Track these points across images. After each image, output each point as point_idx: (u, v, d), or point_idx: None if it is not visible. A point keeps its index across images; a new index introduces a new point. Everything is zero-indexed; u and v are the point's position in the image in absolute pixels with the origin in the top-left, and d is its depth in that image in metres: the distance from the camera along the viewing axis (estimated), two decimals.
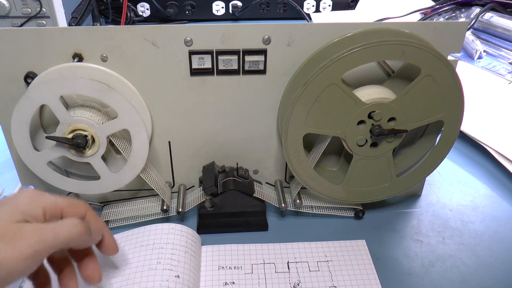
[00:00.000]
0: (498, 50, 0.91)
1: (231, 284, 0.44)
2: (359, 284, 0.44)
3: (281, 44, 0.44)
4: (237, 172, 0.51)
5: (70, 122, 0.42)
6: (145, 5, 1.07)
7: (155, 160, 0.51)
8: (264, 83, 0.47)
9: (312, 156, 0.49)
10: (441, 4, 1.05)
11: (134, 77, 0.45)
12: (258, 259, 0.47)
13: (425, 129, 0.50)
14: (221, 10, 1.09)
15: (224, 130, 0.50)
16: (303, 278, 0.45)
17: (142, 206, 0.52)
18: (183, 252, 0.44)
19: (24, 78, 0.44)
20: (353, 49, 0.41)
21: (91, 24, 0.95)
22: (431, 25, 0.45)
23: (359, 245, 0.49)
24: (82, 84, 0.41)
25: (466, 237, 0.50)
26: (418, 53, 0.42)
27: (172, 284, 0.40)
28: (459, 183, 0.59)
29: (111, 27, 0.42)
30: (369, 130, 0.45)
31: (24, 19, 0.80)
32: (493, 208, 0.55)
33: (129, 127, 0.44)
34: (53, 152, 0.44)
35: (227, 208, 0.49)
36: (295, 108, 0.43)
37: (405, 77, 0.46)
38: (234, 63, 0.45)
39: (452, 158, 0.64)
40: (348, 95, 0.43)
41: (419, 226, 0.52)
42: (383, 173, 0.49)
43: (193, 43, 0.44)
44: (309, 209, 0.52)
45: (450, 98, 0.45)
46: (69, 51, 0.43)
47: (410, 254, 0.48)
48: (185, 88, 0.46)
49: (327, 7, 1.13)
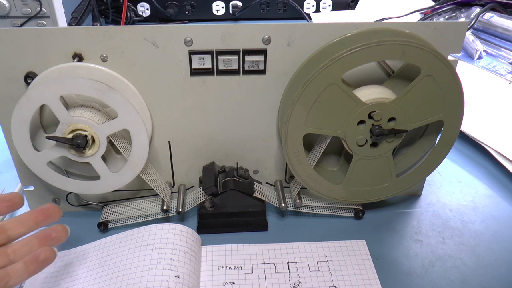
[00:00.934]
0: (498, 50, 0.91)
1: (231, 284, 0.44)
2: (359, 284, 0.44)
3: (281, 44, 0.44)
4: (237, 172, 0.51)
5: (70, 122, 0.42)
6: (145, 5, 1.07)
7: (155, 160, 0.51)
8: (264, 83, 0.47)
9: (312, 156, 0.49)
10: (441, 4, 1.05)
11: (134, 77, 0.45)
12: (258, 259, 0.47)
13: (425, 129, 0.50)
14: (221, 10, 1.09)
15: (224, 130, 0.50)
16: (303, 278, 0.45)
17: (142, 206, 0.52)
18: (183, 252, 0.44)
19: (24, 78, 0.44)
20: (353, 49, 0.41)
21: (91, 24, 0.95)
22: (431, 25, 0.45)
23: (359, 245, 0.49)
24: (82, 84, 0.41)
25: (466, 237, 0.51)
26: (418, 53, 0.42)
27: (172, 284, 0.40)
28: (459, 183, 0.59)
29: (111, 27, 0.42)
30: (369, 130, 0.45)
31: (24, 19, 0.80)
32: (493, 208, 0.55)
33: (129, 127, 0.44)
34: (53, 152, 0.44)
35: (227, 208, 0.49)
36: (295, 108, 0.43)
37: (405, 77, 0.46)
38: (234, 63, 0.45)
39: (452, 158, 0.64)
40: (348, 95, 0.43)
41: (419, 226, 0.52)
42: (383, 173, 0.49)
43: (193, 43, 0.44)
44: (309, 209, 0.52)
45: (450, 98, 0.45)
46: (69, 51, 0.43)
47: (410, 254, 0.48)
48: (185, 88, 0.46)
49: (327, 7, 1.13)
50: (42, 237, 0.39)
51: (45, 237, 0.39)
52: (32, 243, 0.38)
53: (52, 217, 0.40)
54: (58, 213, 0.41)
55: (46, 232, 0.39)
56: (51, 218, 0.40)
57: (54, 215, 0.40)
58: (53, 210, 0.40)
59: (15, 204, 0.39)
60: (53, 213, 0.40)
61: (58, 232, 0.40)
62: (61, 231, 0.40)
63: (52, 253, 0.38)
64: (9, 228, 0.38)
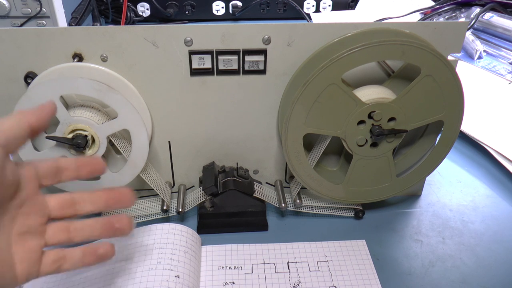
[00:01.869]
0: (498, 50, 0.91)
1: (231, 284, 0.44)
2: (359, 284, 0.44)
3: (281, 44, 0.44)
4: (237, 172, 0.51)
5: (70, 122, 0.42)
6: (145, 5, 1.07)
7: (155, 160, 0.51)
8: (264, 83, 0.47)
9: (312, 156, 0.49)
10: (441, 4, 1.05)
11: (134, 77, 0.45)
12: (258, 259, 0.47)
13: (425, 129, 0.50)
14: (221, 10, 1.09)
15: (224, 130, 0.50)
16: (303, 278, 0.45)
17: (142, 206, 0.52)
18: (183, 252, 0.44)
19: (24, 78, 0.44)
20: (353, 49, 0.41)
21: (91, 24, 0.95)
22: (431, 25, 0.45)
23: (359, 245, 0.49)
24: (82, 84, 0.41)
25: (466, 237, 0.51)
26: (418, 53, 0.42)
27: (172, 284, 0.40)
28: (459, 183, 0.59)
29: (111, 27, 0.42)
30: (369, 130, 0.45)
31: (24, 19, 0.80)
32: (493, 208, 0.55)
33: (129, 127, 0.44)
34: (53, 152, 0.44)
35: (227, 208, 0.49)
36: (295, 108, 0.43)
37: (405, 77, 0.46)
38: (234, 63, 0.45)
39: (452, 158, 0.64)
40: (348, 95, 0.43)
41: (419, 226, 0.52)
42: (383, 173, 0.49)
43: (193, 43, 0.44)
44: (309, 209, 0.52)
45: (450, 98, 0.45)
46: (69, 51, 0.43)
47: (410, 254, 0.48)
48: (185, 88, 0.46)
49: (327, 7, 1.13)
50: (105, 224, 0.37)
51: (108, 225, 0.37)
52: (94, 228, 0.36)
53: (123, 202, 0.38)
54: (131, 199, 0.38)
55: (110, 220, 0.37)
56: (123, 203, 0.38)
57: (127, 201, 0.38)
58: (127, 195, 0.38)
59: (95, 170, 0.37)
60: (126, 198, 0.38)
61: (123, 224, 0.37)
62: (126, 224, 0.37)
63: (111, 250, 0.37)
64: (79, 202, 0.36)
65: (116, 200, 0.38)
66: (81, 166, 0.37)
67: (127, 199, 0.38)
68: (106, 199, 0.37)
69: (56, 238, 0.35)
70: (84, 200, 0.37)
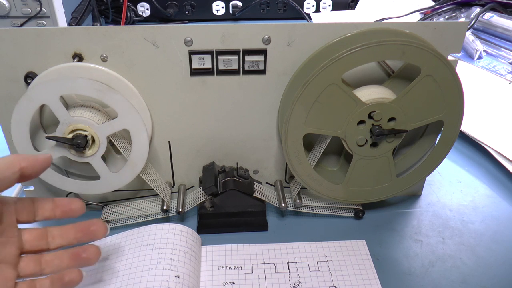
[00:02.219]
0: (498, 50, 0.91)
1: (231, 284, 0.44)
2: (359, 284, 0.44)
3: (281, 44, 0.44)
4: (237, 172, 0.51)
5: (70, 122, 0.42)
6: (145, 5, 1.07)
7: (155, 160, 0.51)
8: (264, 83, 0.47)
9: (312, 156, 0.49)
10: (441, 4, 1.05)
11: (134, 77, 0.45)
12: (258, 259, 0.47)
13: (425, 129, 0.50)
14: (221, 10, 1.09)
15: (224, 130, 0.50)
16: (303, 278, 0.45)
17: (142, 206, 0.52)
18: (183, 252, 0.44)
19: (24, 78, 0.44)
20: (353, 49, 0.41)
21: (91, 24, 0.95)
22: (431, 25, 0.45)
23: (359, 245, 0.49)
24: (82, 84, 0.41)
25: (466, 237, 0.51)
26: (418, 53, 0.42)
27: (172, 284, 0.40)
28: (459, 183, 0.59)
29: (111, 27, 0.42)
30: (369, 130, 0.45)
31: (24, 19, 0.80)
32: (493, 208, 0.55)
33: (129, 127, 0.44)
34: (53, 152, 0.44)
35: (227, 208, 0.49)
36: (295, 108, 0.43)
37: (405, 77, 0.46)
38: (234, 63, 0.45)
39: (452, 158, 0.64)
40: (348, 95, 0.43)
41: (419, 226, 0.52)
42: (383, 173, 0.49)
43: (193, 43, 0.44)
44: (309, 209, 0.52)
45: (450, 98, 0.45)
46: (69, 51, 0.43)
47: (410, 254, 0.48)
48: (185, 88, 0.46)
49: (327, 7, 1.13)
50: (73, 255, 0.39)
51: (75, 255, 0.39)
52: (62, 258, 0.39)
53: (95, 235, 0.40)
54: (103, 232, 0.40)
55: (77, 250, 0.39)
56: (94, 236, 0.40)
57: (98, 234, 0.40)
58: (97, 227, 0.40)
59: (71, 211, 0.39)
60: (97, 231, 0.40)
61: (89, 254, 0.39)
62: (92, 253, 0.39)
63: (78, 276, 0.38)
64: (51, 236, 0.39)
65: (85, 234, 0.40)
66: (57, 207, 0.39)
67: (99, 231, 0.40)
68: (75, 234, 0.39)
69: (28, 270, 0.37)
70: (56, 234, 0.39)
